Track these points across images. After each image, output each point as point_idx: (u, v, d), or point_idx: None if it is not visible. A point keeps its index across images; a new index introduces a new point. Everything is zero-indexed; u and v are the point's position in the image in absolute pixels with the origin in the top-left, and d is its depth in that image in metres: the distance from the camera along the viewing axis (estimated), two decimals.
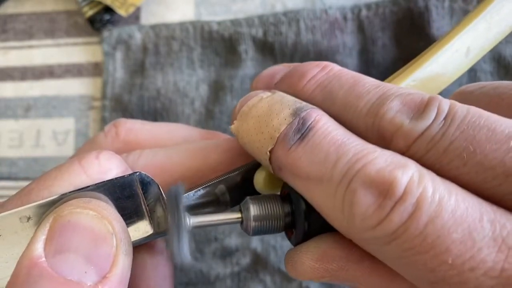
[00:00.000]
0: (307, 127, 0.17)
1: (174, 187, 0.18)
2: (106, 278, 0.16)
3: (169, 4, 0.36)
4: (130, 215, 0.18)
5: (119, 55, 0.35)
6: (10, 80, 0.37)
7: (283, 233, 0.19)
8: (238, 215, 0.19)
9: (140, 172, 0.18)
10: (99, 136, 0.23)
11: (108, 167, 0.19)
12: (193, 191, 0.19)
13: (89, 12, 0.35)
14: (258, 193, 0.20)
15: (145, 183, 0.18)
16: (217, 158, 0.21)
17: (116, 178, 0.18)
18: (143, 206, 0.18)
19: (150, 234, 0.19)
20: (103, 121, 0.34)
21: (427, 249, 0.14)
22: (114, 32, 0.35)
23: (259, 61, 0.34)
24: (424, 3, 0.32)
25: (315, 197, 0.16)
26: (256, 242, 0.31)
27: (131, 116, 0.34)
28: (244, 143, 0.19)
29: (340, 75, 0.18)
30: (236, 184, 0.20)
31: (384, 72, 0.33)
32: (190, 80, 0.34)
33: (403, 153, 0.15)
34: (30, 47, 0.37)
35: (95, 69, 0.36)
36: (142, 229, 0.19)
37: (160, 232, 0.19)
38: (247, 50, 0.34)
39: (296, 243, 0.18)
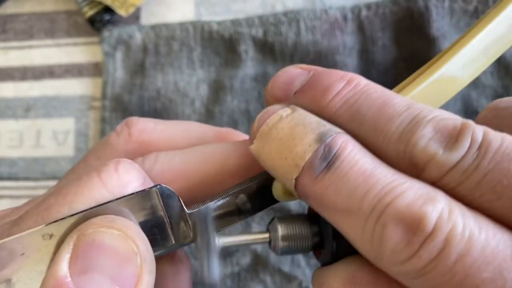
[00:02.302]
0: (333, 155, 0.16)
1: (204, 208, 0.18)
2: None
3: (169, 4, 0.36)
4: (151, 228, 0.18)
5: (119, 55, 0.35)
6: (10, 80, 0.37)
7: None
8: (266, 235, 0.19)
9: (160, 185, 0.18)
10: (111, 137, 0.23)
11: (128, 179, 0.18)
12: (213, 201, 0.19)
13: (89, 12, 0.35)
14: (277, 201, 0.20)
15: (166, 195, 0.18)
16: (236, 163, 0.20)
17: (137, 192, 0.18)
18: (164, 218, 0.18)
19: (172, 246, 0.19)
20: (103, 121, 0.34)
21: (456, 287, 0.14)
22: (114, 32, 0.35)
23: (259, 61, 0.34)
24: (424, 3, 0.32)
25: (343, 227, 0.16)
26: None
27: (131, 116, 0.34)
28: (266, 166, 0.18)
29: (368, 91, 0.17)
30: (254, 192, 0.20)
31: (384, 72, 0.33)
32: (190, 80, 0.34)
33: (435, 183, 0.15)
34: (30, 47, 0.37)
35: (95, 69, 0.36)
36: (163, 241, 0.19)
37: (181, 243, 0.19)
38: (247, 50, 0.34)
39: (324, 263, 0.18)
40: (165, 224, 0.19)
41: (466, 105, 0.31)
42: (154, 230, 0.18)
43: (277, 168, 0.17)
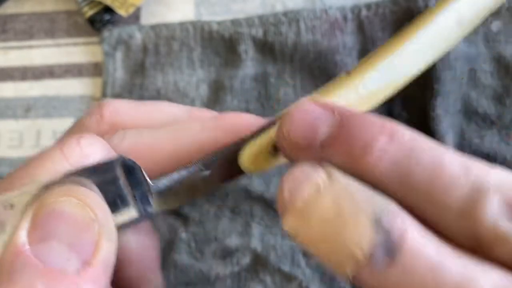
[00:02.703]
0: (395, 244, 0.14)
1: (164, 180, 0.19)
2: (89, 265, 0.16)
3: (169, 4, 0.36)
4: (113, 199, 0.18)
5: (119, 55, 0.35)
6: (10, 80, 0.37)
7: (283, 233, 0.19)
8: None
9: (121, 156, 0.18)
10: (84, 118, 0.23)
11: (90, 152, 0.18)
12: (177, 172, 0.19)
13: (89, 12, 0.35)
14: (243, 173, 0.20)
15: (128, 166, 0.18)
16: (204, 138, 0.20)
17: (97, 163, 0.18)
18: (127, 190, 0.18)
19: (135, 218, 0.19)
20: None
21: None
22: (114, 32, 0.35)
23: (259, 61, 0.34)
24: (424, 3, 0.32)
25: None
26: (256, 242, 0.31)
27: None
28: (309, 249, 0.16)
29: (415, 150, 0.15)
30: (221, 163, 0.20)
31: None
32: (190, 80, 0.34)
33: (507, 263, 0.14)
34: (30, 47, 0.37)
35: (95, 69, 0.36)
36: (126, 213, 0.19)
37: (144, 214, 0.19)
38: (247, 50, 0.34)
39: None
40: (127, 196, 0.19)
41: (466, 105, 0.31)
42: (116, 201, 0.18)
43: (325, 254, 0.15)
